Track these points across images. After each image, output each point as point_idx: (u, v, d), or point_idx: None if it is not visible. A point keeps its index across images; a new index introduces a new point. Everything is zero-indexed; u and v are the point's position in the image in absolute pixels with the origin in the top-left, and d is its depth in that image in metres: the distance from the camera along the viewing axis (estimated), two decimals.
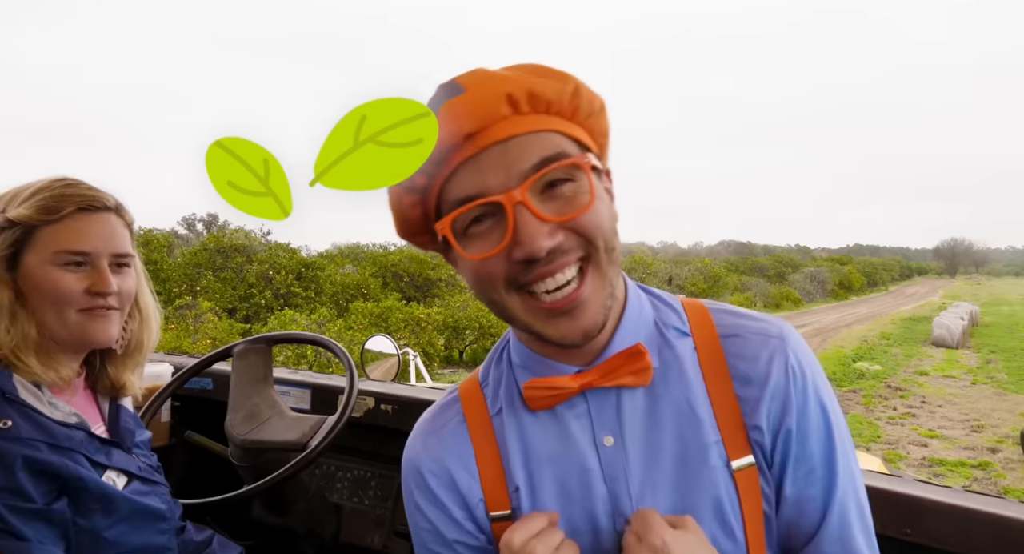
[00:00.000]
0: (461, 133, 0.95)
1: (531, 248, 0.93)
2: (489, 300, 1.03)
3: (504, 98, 0.95)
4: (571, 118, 1.01)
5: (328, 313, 16.84)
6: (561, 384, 1.06)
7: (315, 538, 2.32)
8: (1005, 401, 13.11)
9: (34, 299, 1.39)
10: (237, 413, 2.11)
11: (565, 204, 0.96)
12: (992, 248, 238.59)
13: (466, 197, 0.96)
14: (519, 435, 1.12)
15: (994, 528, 1.42)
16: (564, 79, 0.99)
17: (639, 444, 1.06)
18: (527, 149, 0.96)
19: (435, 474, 1.14)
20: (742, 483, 1.04)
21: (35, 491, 1.26)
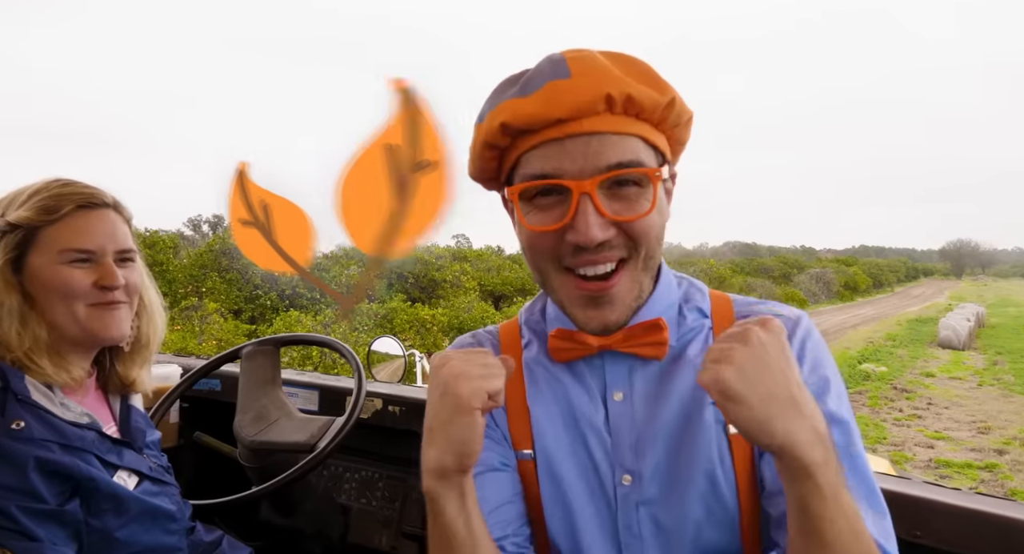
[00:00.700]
0: (552, 116, 1.01)
1: (585, 237, 1.01)
2: (536, 268, 1.12)
3: (603, 97, 1.00)
4: (657, 125, 1.06)
5: (333, 314, 16.86)
6: (583, 339, 1.13)
7: (323, 539, 2.32)
8: (1012, 403, 13.09)
9: (43, 299, 1.39)
10: (246, 414, 2.11)
11: (626, 206, 1.03)
12: (999, 249, 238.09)
13: (541, 174, 1.03)
14: (543, 372, 1.21)
15: (1004, 531, 1.42)
16: (663, 90, 1.04)
17: (644, 404, 1.14)
18: (609, 148, 1.01)
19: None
20: (736, 445, 1.10)
21: (47, 492, 1.27)
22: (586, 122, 1.01)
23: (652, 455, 1.12)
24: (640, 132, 1.04)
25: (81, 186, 1.45)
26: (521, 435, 1.20)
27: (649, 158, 1.05)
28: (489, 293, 25.28)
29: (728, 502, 1.09)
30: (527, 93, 1.03)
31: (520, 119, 1.03)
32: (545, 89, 1.01)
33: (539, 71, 1.04)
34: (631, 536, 1.12)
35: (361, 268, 23.24)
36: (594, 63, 1.02)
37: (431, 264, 23.63)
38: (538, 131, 1.03)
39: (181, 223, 52.71)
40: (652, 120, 1.05)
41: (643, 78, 1.04)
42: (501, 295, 25.56)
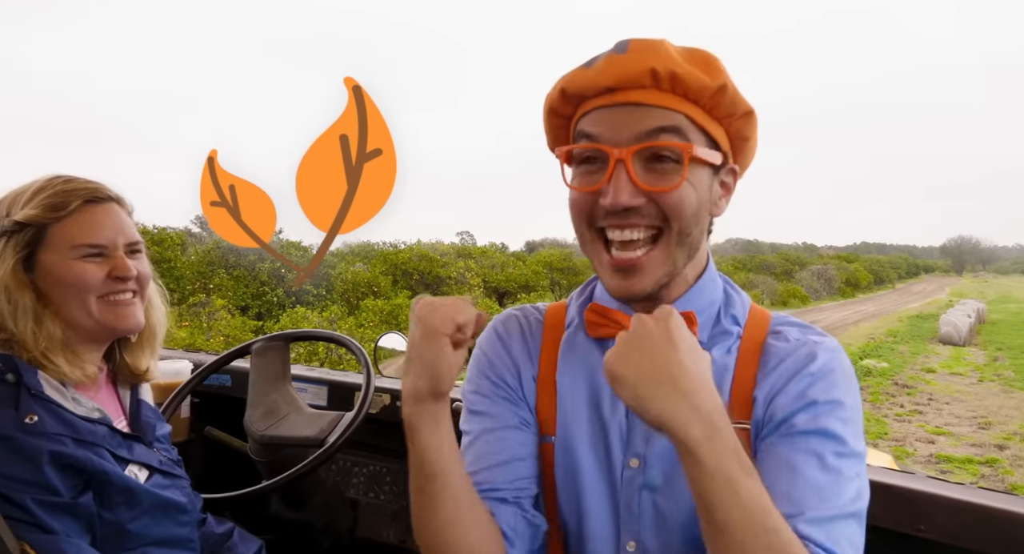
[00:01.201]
0: (602, 84, 1.09)
1: (612, 200, 1.06)
2: (578, 231, 1.17)
3: (648, 71, 1.06)
4: (709, 111, 1.11)
5: (339, 310, 16.88)
6: (617, 318, 1.18)
7: (332, 532, 2.33)
8: (1012, 398, 13.07)
9: (57, 296, 1.40)
10: (256, 409, 2.12)
11: (657, 179, 1.08)
12: (999, 246, 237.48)
13: (588, 136, 1.11)
14: (575, 347, 1.26)
15: (1007, 525, 1.42)
16: (713, 75, 1.09)
17: None
18: (648, 118, 1.07)
19: (510, 336, 1.32)
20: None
21: (61, 485, 1.28)
22: (632, 93, 1.08)
23: (659, 442, 1.15)
24: (687, 111, 1.09)
25: (84, 181, 1.45)
26: (547, 415, 1.25)
27: (695, 138, 1.10)
28: (493, 290, 25.26)
29: None
30: (589, 65, 1.11)
31: (575, 85, 1.11)
32: (603, 60, 1.09)
33: (605, 49, 1.11)
34: (630, 515, 1.16)
35: (365, 264, 23.27)
36: (652, 44, 1.08)
37: (436, 261, 23.61)
38: (591, 98, 1.11)
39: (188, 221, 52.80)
40: (702, 103, 1.09)
41: (696, 62, 1.09)
42: (505, 292, 25.55)
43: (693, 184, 1.09)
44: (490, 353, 1.31)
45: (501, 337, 1.32)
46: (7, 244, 1.38)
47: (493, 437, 1.23)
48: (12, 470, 1.24)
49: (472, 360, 1.33)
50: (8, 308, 1.36)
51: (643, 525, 1.16)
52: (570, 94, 1.13)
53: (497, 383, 1.27)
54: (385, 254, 24.82)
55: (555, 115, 1.19)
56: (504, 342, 1.31)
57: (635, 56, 1.07)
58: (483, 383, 1.28)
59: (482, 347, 1.32)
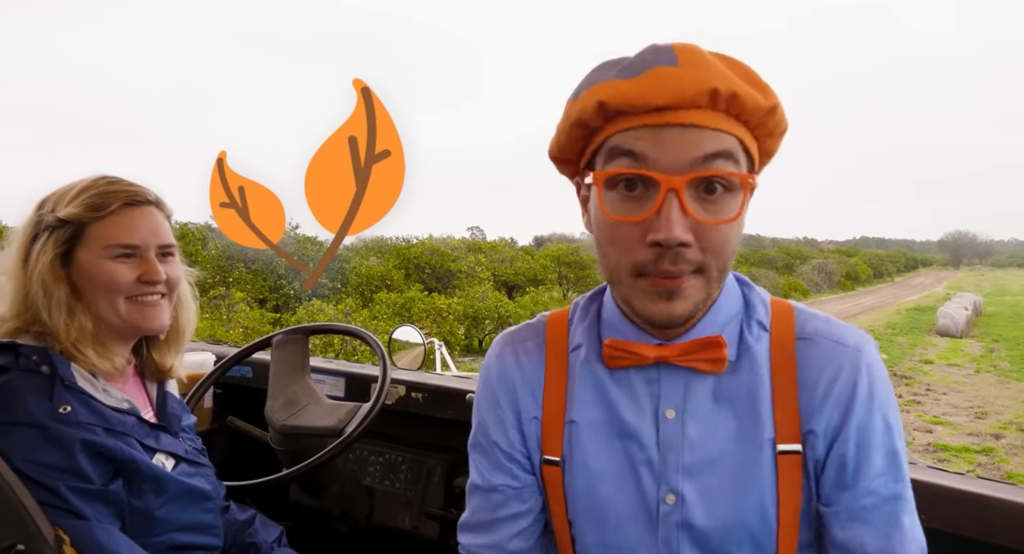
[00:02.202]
0: (653, 102, 0.93)
1: (666, 235, 0.93)
2: (607, 262, 1.03)
3: (708, 90, 0.92)
4: (753, 130, 1.00)
5: (354, 303, 16.91)
6: (640, 350, 1.07)
7: (349, 519, 2.34)
8: (1008, 388, 13.02)
9: (88, 292, 1.41)
10: (276, 400, 2.13)
11: (711, 211, 0.96)
12: (995, 240, 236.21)
13: (631, 154, 0.95)
14: (591, 378, 1.14)
15: (1009, 515, 1.41)
16: (767, 94, 0.98)
17: (698, 424, 1.07)
18: (704, 141, 0.94)
19: (502, 381, 1.20)
20: (783, 470, 1.05)
21: (93, 473, 1.29)
22: (685, 113, 0.93)
23: (700, 478, 1.07)
24: (737, 133, 0.97)
25: (126, 184, 1.46)
26: (552, 439, 1.15)
27: (742, 161, 0.98)
28: (503, 283, 25.27)
29: (770, 524, 1.06)
30: (630, 76, 0.95)
31: (619, 100, 0.95)
32: (650, 73, 0.94)
33: (643, 56, 0.96)
34: (669, 551, 1.09)
35: (379, 258, 23.29)
36: (701, 55, 0.95)
37: (447, 255, 23.61)
38: (635, 115, 0.95)
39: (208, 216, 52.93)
40: (750, 124, 0.98)
41: (747, 78, 0.97)
42: (514, 285, 25.55)
43: (742, 215, 0.99)
44: (483, 403, 1.22)
45: (494, 383, 1.21)
46: (48, 239, 1.40)
47: (482, 495, 1.20)
48: (46, 458, 1.25)
49: (475, 402, 1.25)
50: (43, 300, 1.37)
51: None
52: (610, 109, 0.96)
53: (487, 439, 1.20)
54: (398, 249, 24.83)
55: (581, 127, 1.01)
56: (498, 390, 1.20)
57: (691, 71, 0.93)
58: (480, 428, 1.22)
59: (480, 389, 1.24)
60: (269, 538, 1.71)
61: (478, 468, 1.22)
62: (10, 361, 1.33)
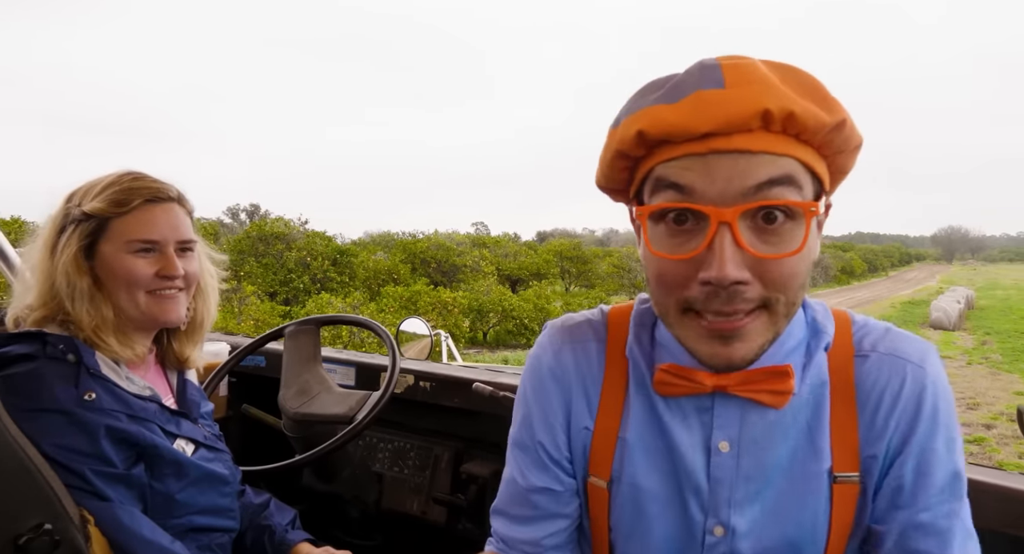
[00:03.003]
0: (698, 130, 0.82)
1: (718, 274, 0.82)
2: (657, 300, 0.94)
3: (759, 112, 0.81)
4: (818, 149, 0.88)
5: (361, 297, 16.92)
6: (697, 378, 0.96)
7: (359, 504, 2.36)
8: (999, 380, 13.01)
9: (110, 284, 1.43)
10: (289, 388, 2.15)
11: (770, 244, 0.85)
12: (987, 235, 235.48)
13: (676, 186, 0.85)
14: (643, 397, 1.05)
15: (1001, 500, 1.42)
16: (832, 109, 0.85)
17: (752, 458, 0.99)
18: (757, 168, 0.83)
19: (557, 380, 1.10)
20: (838, 498, 0.98)
21: (116, 457, 1.31)
22: (736, 138, 0.82)
23: (751, 511, 0.99)
24: (799, 155, 0.85)
25: (150, 181, 1.47)
26: (601, 460, 1.06)
27: (806, 185, 0.86)
28: (507, 277, 25.27)
29: (818, 550, 0.99)
30: (673, 100, 0.85)
31: (660, 128, 0.84)
32: (693, 97, 0.83)
33: (689, 76, 0.86)
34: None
35: (386, 253, 23.30)
36: (753, 72, 0.84)
37: (452, 250, 23.63)
38: (679, 143, 0.85)
39: (220, 212, 52.95)
40: (814, 143, 0.86)
41: (809, 93, 0.85)
42: (518, 279, 25.55)
43: (808, 246, 0.86)
44: (532, 398, 1.12)
45: (546, 379, 1.10)
46: (74, 232, 1.41)
47: (521, 497, 1.11)
48: (72, 442, 1.27)
49: (519, 396, 1.14)
50: (67, 290, 1.39)
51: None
52: (651, 138, 0.85)
53: (531, 438, 1.11)
54: (404, 243, 24.86)
55: (622, 157, 0.91)
56: (550, 387, 1.10)
57: (740, 93, 0.82)
58: (523, 425, 1.12)
59: (527, 384, 1.13)
60: (283, 521, 1.72)
61: (518, 464, 1.12)
62: (37, 349, 1.35)
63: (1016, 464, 7.80)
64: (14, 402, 1.24)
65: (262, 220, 23.10)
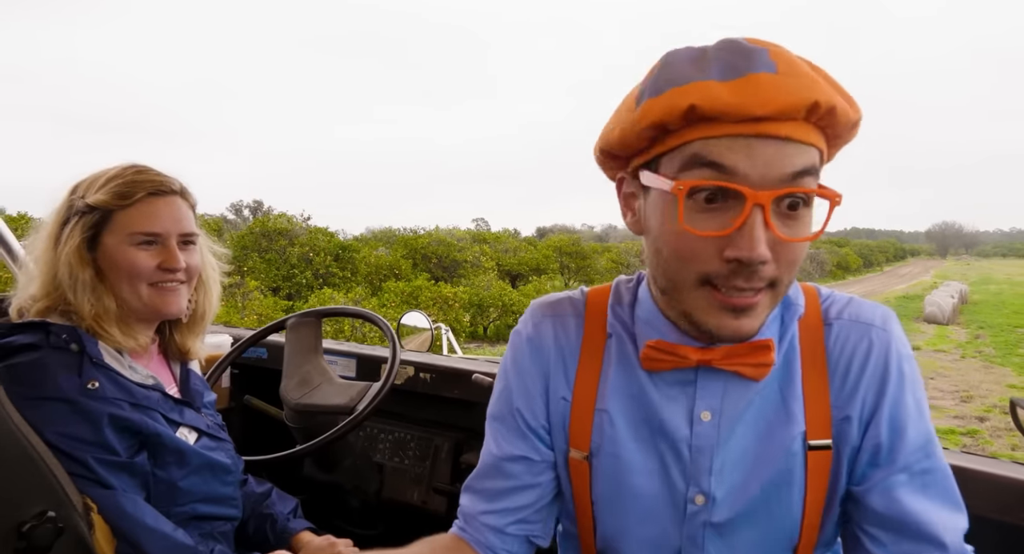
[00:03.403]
0: (753, 112, 0.83)
1: (749, 253, 0.85)
2: (670, 274, 0.95)
3: (810, 103, 0.83)
4: (829, 142, 0.91)
5: (363, 292, 16.92)
6: (683, 353, 0.99)
7: (360, 493, 2.37)
8: (992, 373, 13.02)
9: (112, 275, 1.43)
10: (291, 380, 2.15)
11: (791, 227, 0.88)
12: (981, 230, 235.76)
13: (718, 166, 0.85)
14: (625, 371, 1.07)
15: (992, 488, 1.42)
16: (855, 107, 0.89)
17: (732, 426, 1.02)
18: (795, 156, 0.85)
19: (536, 352, 1.12)
20: (812, 465, 1.01)
21: (119, 445, 1.31)
22: (782, 125, 0.84)
23: (730, 479, 1.02)
24: (821, 146, 0.89)
25: (153, 174, 1.47)
26: (580, 431, 1.08)
27: (820, 175, 0.90)
28: (506, 272, 25.26)
29: (795, 520, 1.02)
30: (727, 78, 0.84)
31: (715, 106, 0.83)
32: (750, 79, 0.83)
33: (736, 56, 0.85)
34: (694, 546, 1.04)
35: (387, 248, 23.30)
36: (799, 63, 0.86)
37: (453, 246, 23.62)
38: (727, 123, 0.84)
39: (224, 208, 52.88)
40: (833, 136, 0.90)
41: (839, 91, 0.88)
42: (518, 274, 25.55)
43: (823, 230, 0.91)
44: (512, 367, 1.14)
45: (527, 351, 1.13)
46: (77, 223, 1.41)
47: (494, 470, 1.13)
48: (76, 431, 1.27)
49: (499, 370, 1.17)
50: (69, 281, 1.39)
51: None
52: (701, 113, 0.84)
53: (514, 415, 1.12)
54: (406, 239, 24.83)
55: (658, 129, 0.89)
56: (531, 357, 1.12)
57: (794, 82, 0.83)
58: (502, 394, 1.15)
59: (509, 355, 1.16)
60: (285, 510, 1.72)
61: (495, 437, 1.14)
62: (41, 339, 1.34)
63: (1009, 455, 7.80)
64: (18, 391, 1.24)
65: (265, 216, 23.10)
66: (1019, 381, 12.26)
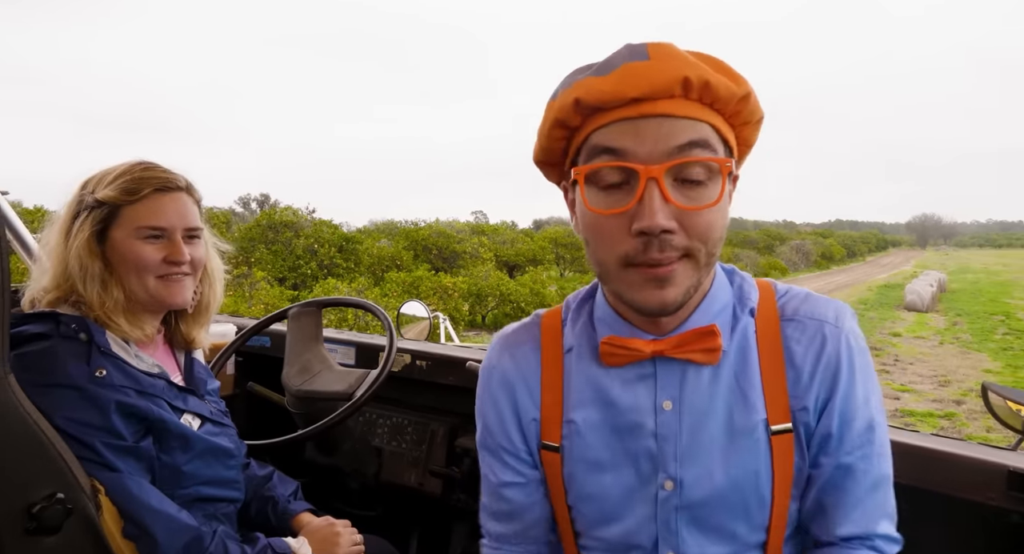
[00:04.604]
0: (628, 95, 0.90)
1: (650, 222, 0.89)
2: (596, 258, 0.99)
3: (680, 80, 0.89)
4: (728, 119, 0.96)
5: (366, 282, 16.89)
6: (636, 346, 1.04)
7: (359, 476, 2.38)
8: (969, 359, 13.05)
9: (120, 268, 1.43)
10: (292, 367, 2.16)
11: (691, 197, 0.92)
12: (959, 222, 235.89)
13: (611, 150, 0.92)
14: (587, 378, 1.11)
15: (965, 470, 1.44)
16: (739, 82, 0.94)
17: (693, 413, 1.04)
18: (681, 131, 0.91)
19: (502, 384, 1.17)
20: (777, 449, 1.03)
21: (126, 431, 1.31)
22: (660, 104, 0.90)
23: (697, 464, 1.04)
24: (713, 121, 0.93)
25: (160, 170, 1.48)
26: (551, 429, 1.12)
27: (719, 150, 0.94)
28: (504, 263, 25.25)
29: (764, 500, 1.04)
30: (604, 73, 0.92)
31: (594, 96, 0.91)
32: (623, 69, 0.91)
33: (618, 54, 0.93)
34: (668, 531, 1.07)
35: (389, 240, 23.27)
36: (673, 50, 0.92)
37: (452, 237, 23.59)
38: (611, 110, 0.92)
39: (232, 201, 52.80)
40: (725, 112, 0.95)
41: (720, 69, 0.94)
42: (515, 265, 25.53)
43: (723, 200, 0.94)
44: (484, 404, 1.19)
45: (495, 386, 1.18)
46: (87, 218, 1.42)
47: (495, 493, 1.19)
48: (84, 416, 1.28)
49: (477, 407, 1.21)
50: (79, 273, 1.40)
51: (681, 538, 1.07)
52: (585, 105, 0.93)
53: (492, 439, 1.18)
54: (407, 231, 24.79)
55: (561, 127, 0.98)
56: (498, 392, 1.17)
57: (662, 64, 0.90)
58: (483, 429, 1.19)
59: (480, 389, 1.21)
60: (286, 492, 1.73)
61: (490, 467, 1.20)
62: (51, 328, 1.35)
63: (983, 437, 7.84)
64: (28, 378, 1.25)
65: (272, 209, 23.04)
66: (994, 366, 12.29)
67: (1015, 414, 1.64)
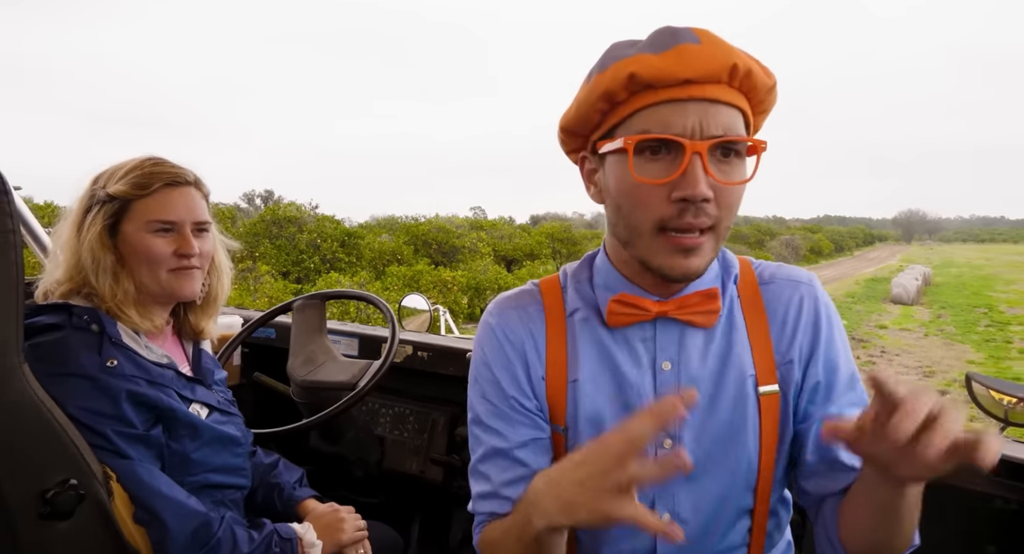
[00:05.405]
0: (681, 76, 0.92)
1: (693, 190, 0.92)
2: (630, 224, 1.01)
3: (729, 66, 0.93)
4: (754, 107, 1.00)
5: (367, 276, 16.90)
6: (644, 305, 1.06)
7: (362, 464, 2.38)
8: (953, 350, 13.10)
9: (132, 261, 1.43)
10: (297, 358, 2.16)
11: (727, 173, 0.96)
12: (943, 218, 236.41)
13: (660, 127, 0.94)
14: (590, 339, 1.11)
15: None
16: (768, 73, 0.98)
17: (690, 372, 1.08)
18: (723, 116, 0.94)
19: (509, 340, 1.13)
20: (764, 407, 1.07)
21: (136, 419, 1.32)
22: (708, 88, 0.93)
23: (693, 421, 1.07)
24: (744, 107, 0.97)
25: (169, 166, 1.47)
26: (558, 406, 1.11)
27: (746, 134, 0.98)
28: (502, 258, 25.25)
29: (752, 462, 1.07)
30: (658, 50, 0.93)
31: (650, 72, 0.92)
32: (677, 49, 0.93)
33: (665, 34, 0.95)
34: (665, 492, 1.08)
35: (390, 235, 23.26)
36: (716, 36, 0.95)
37: (452, 232, 23.58)
38: (661, 88, 0.94)
39: (237, 197, 52.68)
40: (754, 100, 0.99)
41: (756, 61, 0.97)
42: (512, 259, 25.53)
43: (753, 177, 0.99)
44: (493, 362, 1.14)
45: (501, 340, 1.14)
46: (99, 212, 1.42)
47: (507, 460, 1.10)
48: (96, 405, 1.28)
49: (474, 363, 1.17)
50: (91, 266, 1.40)
51: (677, 500, 1.08)
52: (639, 80, 0.94)
53: (503, 398, 1.12)
54: (407, 226, 24.78)
55: (607, 100, 0.98)
56: (506, 346, 1.14)
57: (714, 49, 0.93)
58: (490, 393, 1.13)
59: (484, 351, 1.15)
60: (292, 479, 1.74)
61: (498, 432, 1.11)
62: (64, 319, 1.35)
63: (967, 427, 7.86)
64: (41, 368, 1.25)
65: (276, 205, 23.02)
66: (977, 357, 12.34)
67: (997, 403, 1.65)
